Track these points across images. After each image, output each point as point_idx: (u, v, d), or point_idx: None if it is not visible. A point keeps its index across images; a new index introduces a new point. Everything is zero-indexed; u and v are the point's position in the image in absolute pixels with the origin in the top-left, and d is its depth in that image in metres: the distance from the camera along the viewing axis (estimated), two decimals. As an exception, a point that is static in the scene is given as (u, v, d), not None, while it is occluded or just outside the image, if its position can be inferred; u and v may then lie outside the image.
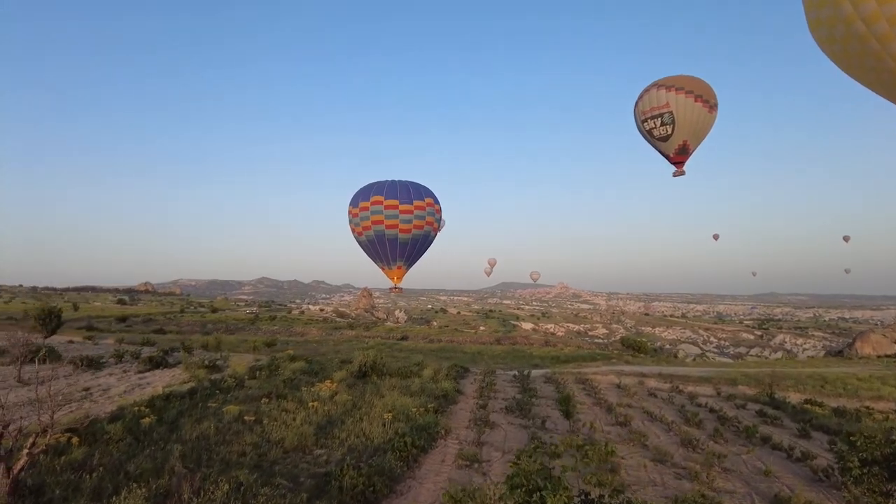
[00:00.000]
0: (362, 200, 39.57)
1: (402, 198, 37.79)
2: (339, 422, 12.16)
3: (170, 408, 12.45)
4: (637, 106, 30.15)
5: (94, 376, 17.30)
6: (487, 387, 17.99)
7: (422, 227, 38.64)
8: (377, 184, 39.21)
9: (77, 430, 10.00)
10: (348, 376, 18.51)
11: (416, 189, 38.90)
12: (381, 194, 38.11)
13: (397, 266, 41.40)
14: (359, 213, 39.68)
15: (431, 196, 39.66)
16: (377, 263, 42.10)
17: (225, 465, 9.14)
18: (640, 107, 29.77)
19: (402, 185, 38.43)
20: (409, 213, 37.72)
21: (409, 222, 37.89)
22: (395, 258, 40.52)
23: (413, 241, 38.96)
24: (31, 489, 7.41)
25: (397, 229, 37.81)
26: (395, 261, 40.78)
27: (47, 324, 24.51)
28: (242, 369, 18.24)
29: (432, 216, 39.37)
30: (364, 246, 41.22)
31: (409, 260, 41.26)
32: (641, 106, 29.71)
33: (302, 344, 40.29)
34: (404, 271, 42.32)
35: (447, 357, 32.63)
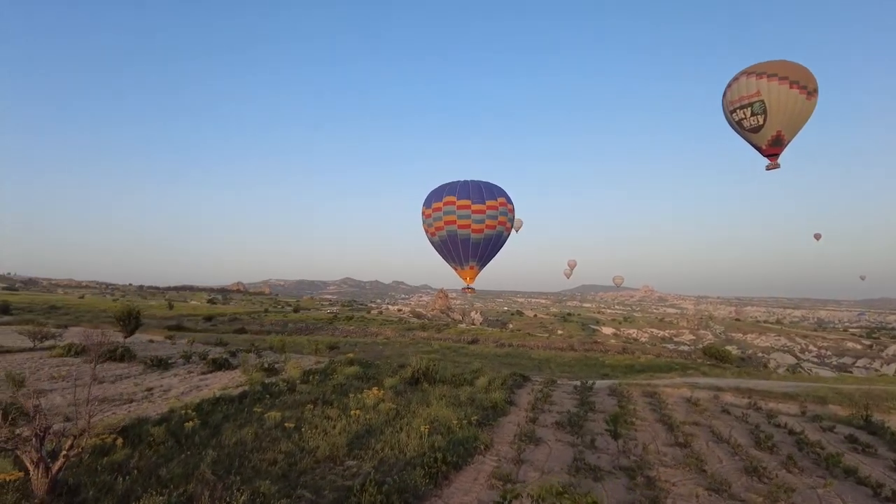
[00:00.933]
0: (435, 201, 39.89)
1: (475, 198, 37.70)
2: (378, 432, 12.13)
3: (216, 411, 12.99)
4: (725, 96, 28.22)
5: (160, 376, 18.53)
6: (543, 398, 17.36)
7: (494, 227, 38.36)
8: (450, 184, 39.35)
9: (125, 431, 10.64)
10: (400, 383, 18.56)
11: (488, 189, 38.63)
12: (453, 195, 38.21)
13: (469, 266, 41.37)
14: (432, 213, 40.01)
15: (504, 196, 39.24)
16: (450, 264, 42.29)
17: (255, 473, 9.34)
18: (729, 96, 27.84)
19: (474, 185, 38.32)
20: (481, 212, 37.57)
21: (481, 222, 37.76)
22: (467, 258, 40.52)
23: (485, 241, 38.77)
24: (69, 488, 7.91)
25: (469, 229, 37.78)
26: (468, 261, 40.77)
27: (127, 324, 26.71)
28: (297, 373, 18.83)
29: (505, 216, 38.96)
30: (437, 246, 41.54)
31: (482, 260, 41.08)
32: (730, 95, 27.78)
33: (369, 346, 41.15)
34: (477, 271, 42.19)
35: (512, 364, 32.00)
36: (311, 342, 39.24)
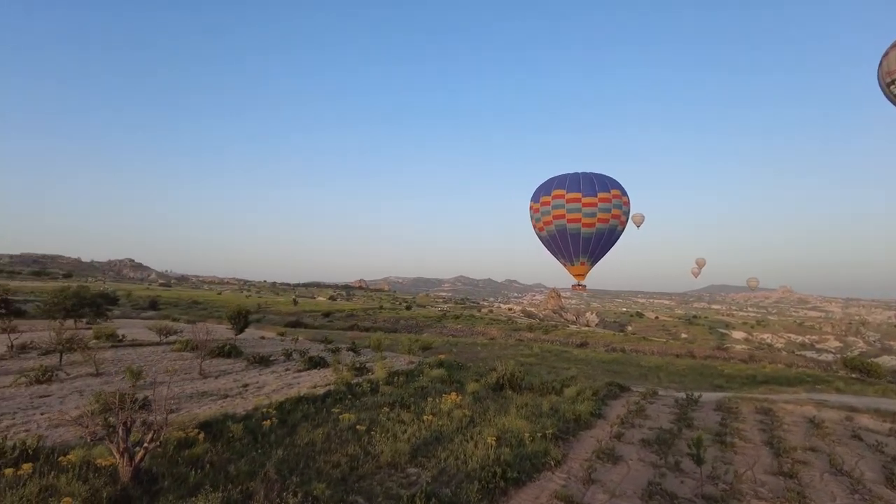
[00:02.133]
0: (543, 195, 39.25)
1: (586, 190, 36.50)
2: (447, 439, 12.15)
3: (297, 411, 13.83)
4: (881, 66, 24.64)
5: (259, 373, 20.18)
6: (636, 412, 16.30)
7: (607, 221, 36.91)
8: (559, 177, 38.43)
9: (209, 426, 11.70)
10: (483, 388, 18.47)
11: (600, 180, 37.16)
12: (562, 188, 37.31)
13: (580, 262, 40.22)
14: (540, 208, 39.40)
15: (618, 187, 37.56)
16: (559, 260, 41.43)
17: (316, 474, 9.78)
18: (885, 66, 24.26)
19: (585, 177, 37.06)
20: (592, 206, 36.34)
21: (592, 216, 36.53)
22: (577, 254, 39.41)
23: (597, 236, 37.41)
24: (149, 477, 8.86)
25: (580, 223, 36.67)
26: (578, 257, 39.65)
27: (237, 323, 29.43)
28: (383, 374, 19.49)
29: (619, 209, 37.29)
30: (546, 242, 40.92)
31: (593, 256, 39.69)
32: (886, 66, 24.20)
33: (468, 347, 41.47)
34: (588, 268, 40.83)
35: (616, 371, 30.46)
36: (410, 341, 40.58)
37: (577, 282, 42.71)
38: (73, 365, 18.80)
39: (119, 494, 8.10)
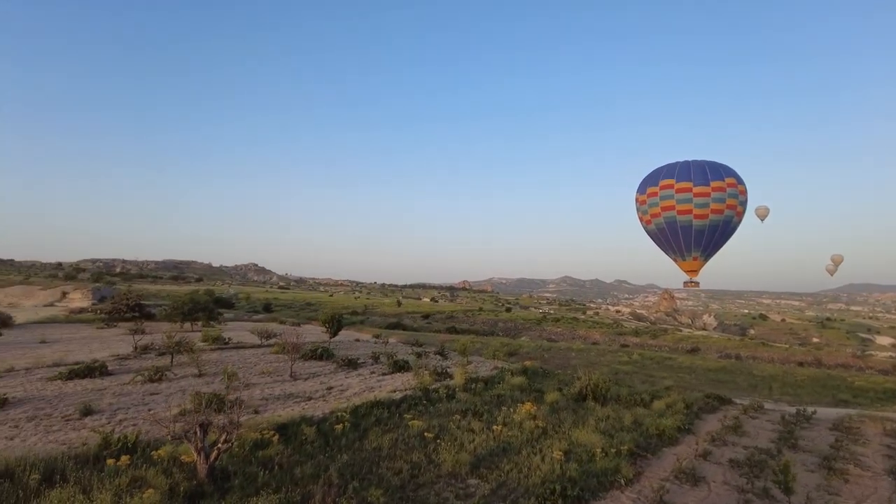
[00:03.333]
0: (650, 186, 37.68)
1: (697, 179, 34.61)
2: (515, 451, 12.04)
3: (370, 415, 14.41)
4: None
5: (345, 376, 21.23)
6: (731, 428, 15.06)
7: (721, 212, 34.79)
8: (667, 166, 36.71)
9: (285, 428, 12.55)
10: (563, 399, 18.03)
11: (713, 169, 35.03)
12: (671, 177, 35.58)
13: (692, 257, 38.13)
14: (647, 199, 37.83)
15: (733, 175, 35.26)
16: (669, 255, 39.53)
17: (377, 480, 10.12)
18: None
19: (696, 166, 35.13)
20: (704, 195, 34.42)
21: (705, 206, 34.61)
22: (688, 248, 37.41)
23: (710, 228, 35.32)
24: (223, 475, 9.70)
25: (691, 215, 34.85)
26: (690, 251, 37.61)
27: (331, 326, 31.17)
28: (461, 380, 19.69)
29: (735, 198, 35.02)
30: (654, 236, 39.34)
31: (707, 250, 37.41)
32: None
33: (561, 352, 40.57)
34: (701, 263, 38.51)
35: (722, 381, 28.29)
36: (501, 345, 40.45)
37: (690, 278, 40.25)
38: (181, 366, 21.03)
39: (194, 489, 8.95)
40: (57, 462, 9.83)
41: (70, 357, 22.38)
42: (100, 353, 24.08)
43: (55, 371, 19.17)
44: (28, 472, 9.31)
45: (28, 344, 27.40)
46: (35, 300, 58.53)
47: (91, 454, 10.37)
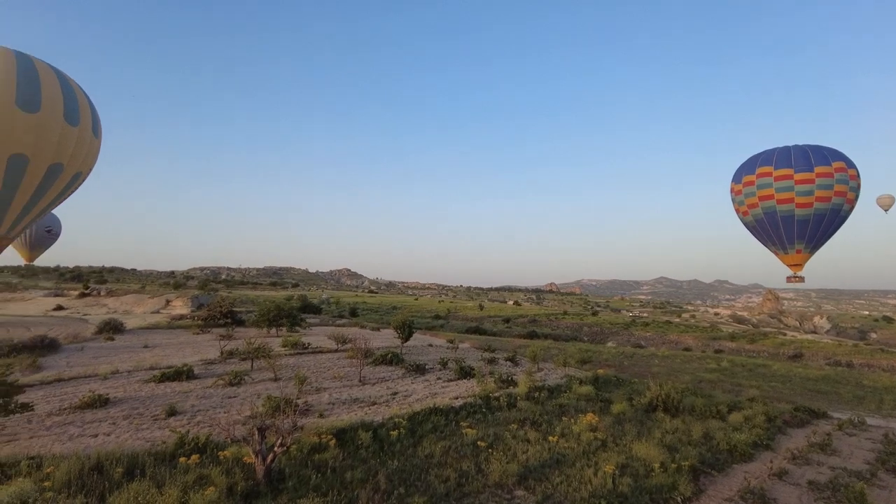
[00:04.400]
0: (746, 174, 35.90)
1: (799, 165, 32.69)
2: (569, 463, 11.90)
3: (427, 422, 14.75)
4: None
5: (412, 381, 21.79)
6: (819, 445, 13.94)
7: (828, 200, 32.70)
8: (765, 153, 34.87)
9: (342, 432, 13.18)
10: (630, 409, 17.47)
11: (818, 153, 32.86)
12: (769, 164, 33.80)
13: (795, 250, 36.07)
14: (742, 189, 36.09)
15: (842, 159, 32.92)
16: (770, 248, 37.50)
17: (424, 487, 10.43)
18: None
19: (798, 151, 33.11)
20: (808, 182, 32.51)
21: (809, 194, 32.69)
22: (790, 240, 35.41)
23: (816, 218, 33.22)
24: (278, 476, 10.40)
25: (793, 204, 33.03)
26: (792, 243, 35.58)
27: (402, 331, 32.02)
28: (525, 388, 19.59)
29: (844, 184, 32.72)
30: (752, 228, 37.55)
31: (812, 242, 35.15)
32: None
33: (644, 359, 39.10)
34: (805, 256, 36.19)
35: (822, 391, 26.05)
36: (578, 350, 39.52)
37: (793, 273, 37.53)
38: (260, 370, 22.56)
39: (250, 489, 9.70)
40: (139, 458, 10.99)
41: (165, 361, 24.69)
42: (191, 357, 26.34)
43: (151, 374, 21.25)
44: (114, 466, 10.51)
45: (133, 348, 30.48)
46: (144, 307, 64.81)
47: (168, 452, 11.47)
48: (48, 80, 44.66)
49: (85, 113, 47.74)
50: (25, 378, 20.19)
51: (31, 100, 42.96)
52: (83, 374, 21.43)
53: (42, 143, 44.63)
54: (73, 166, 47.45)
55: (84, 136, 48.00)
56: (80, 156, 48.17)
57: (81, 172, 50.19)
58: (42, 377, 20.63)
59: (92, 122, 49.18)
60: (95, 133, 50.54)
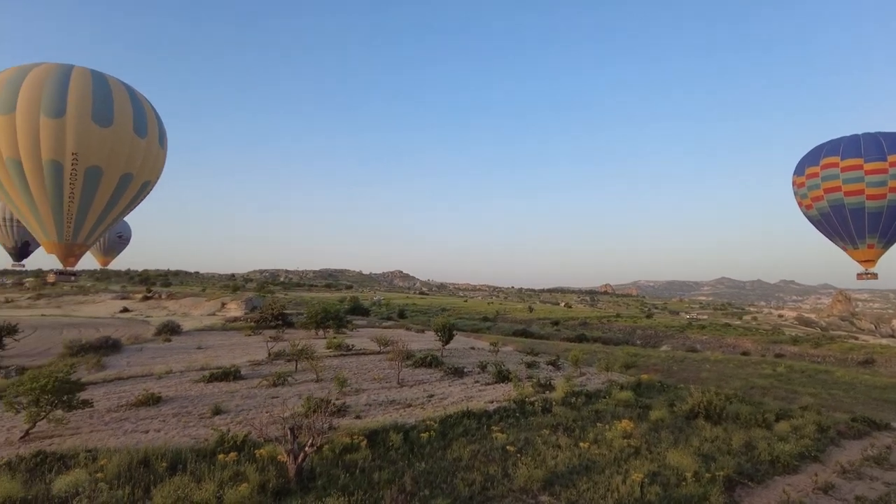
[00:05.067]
0: (809, 165, 34.60)
1: (870, 154, 31.18)
2: (598, 470, 11.82)
3: (458, 425, 14.93)
4: None
5: (449, 384, 22.00)
6: (875, 459, 13.26)
7: None
8: (831, 142, 33.46)
9: (375, 434, 13.54)
10: (670, 416, 17.06)
11: (890, 140, 31.11)
12: (834, 154, 32.40)
13: (866, 245, 34.40)
14: (805, 181, 34.74)
15: None
16: (836, 243, 36.01)
17: (449, 490, 10.62)
18: None
19: (868, 139, 31.55)
20: (880, 172, 30.95)
21: (881, 185, 31.12)
22: (861, 234, 33.84)
23: (889, 210, 31.46)
24: (309, 474, 10.84)
25: (863, 196, 31.53)
26: (863, 238, 34.01)
27: (443, 335, 32.33)
28: (561, 393, 19.45)
29: None
30: (817, 222, 36.09)
31: (887, 235, 33.29)
32: None
33: (695, 363, 37.90)
34: (879, 252, 34.45)
35: (892, 401, 24.41)
36: (626, 354, 38.64)
37: (864, 269, 35.59)
38: (303, 372, 23.33)
39: (282, 487, 10.15)
40: (182, 454, 11.70)
41: (215, 362, 25.90)
42: (240, 358, 27.50)
43: (201, 374, 22.36)
44: (159, 460, 11.24)
45: (188, 349, 32.09)
46: (201, 310, 67.90)
47: (209, 449, 12.14)
48: (119, 95, 47.71)
49: (152, 125, 50.74)
50: (90, 376, 21.68)
51: (105, 115, 46.08)
52: (140, 374, 22.80)
53: (114, 155, 47.71)
54: (141, 176, 50.49)
55: (151, 147, 51.01)
56: (148, 165, 51.17)
57: (150, 181, 53.33)
58: (104, 375, 22.09)
59: (158, 134, 52.22)
60: (161, 143, 53.61)
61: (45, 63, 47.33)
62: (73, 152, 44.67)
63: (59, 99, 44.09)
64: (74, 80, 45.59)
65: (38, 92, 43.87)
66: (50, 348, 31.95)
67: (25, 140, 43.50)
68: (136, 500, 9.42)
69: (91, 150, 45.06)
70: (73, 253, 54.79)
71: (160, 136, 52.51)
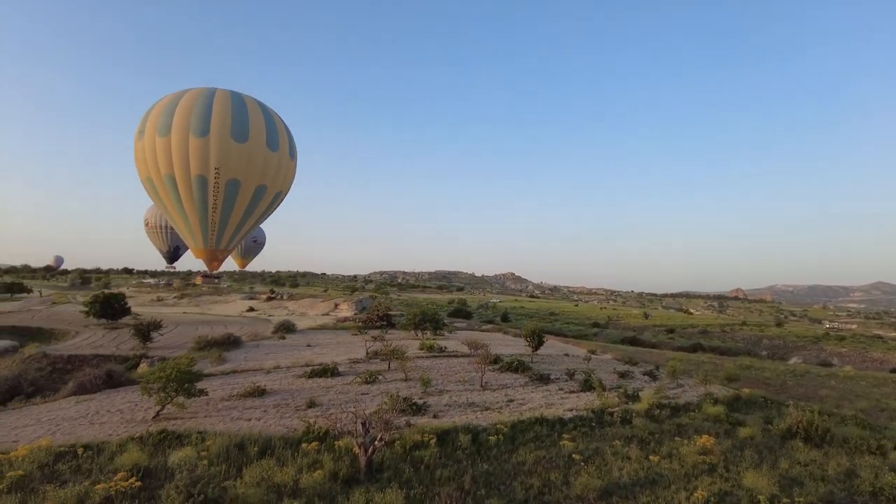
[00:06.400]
0: None
1: None
2: (664, 485, 11.56)
3: (529, 431, 15.17)
4: None
5: (532, 390, 22.10)
6: None
7: None
8: None
9: (446, 433, 14.20)
10: (764, 435, 15.96)
11: None
12: None
13: None
14: None
15: None
16: None
17: (506, 492, 10.99)
18: None
19: None
20: None
21: None
22: None
23: None
24: (377, 467, 11.74)
25: None
26: None
27: (532, 340, 32.30)
28: (645, 405, 18.84)
29: None
30: None
31: None
32: None
33: (818, 379, 34.46)
34: None
35: None
36: (738, 367, 35.97)
37: None
38: (395, 371, 24.62)
39: (351, 476, 11.13)
40: (272, 441, 13.17)
41: (318, 359, 28.07)
42: (342, 356, 29.56)
43: (304, 370, 24.44)
44: (252, 445, 12.76)
45: (298, 346, 34.96)
46: (316, 310, 73.02)
47: (296, 438, 13.51)
48: (254, 113, 53.25)
49: (283, 140, 55.95)
50: (211, 369, 24.58)
51: (242, 132, 51.76)
52: (252, 368, 25.42)
53: (250, 169, 53.40)
54: (274, 187, 55.91)
55: (282, 160, 56.28)
56: (280, 177, 56.39)
57: (281, 192, 58.80)
58: (223, 368, 24.92)
59: (289, 147, 57.41)
60: (292, 156, 58.83)
61: (194, 88, 53.96)
62: (215, 167, 50.70)
63: (204, 120, 50.27)
64: (217, 102, 51.69)
65: (187, 115, 50.37)
66: (186, 342, 36.33)
67: (178, 158, 50.11)
68: (228, 477, 10.84)
69: (230, 164, 50.71)
70: (216, 258, 61.83)
71: (290, 149, 57.48)
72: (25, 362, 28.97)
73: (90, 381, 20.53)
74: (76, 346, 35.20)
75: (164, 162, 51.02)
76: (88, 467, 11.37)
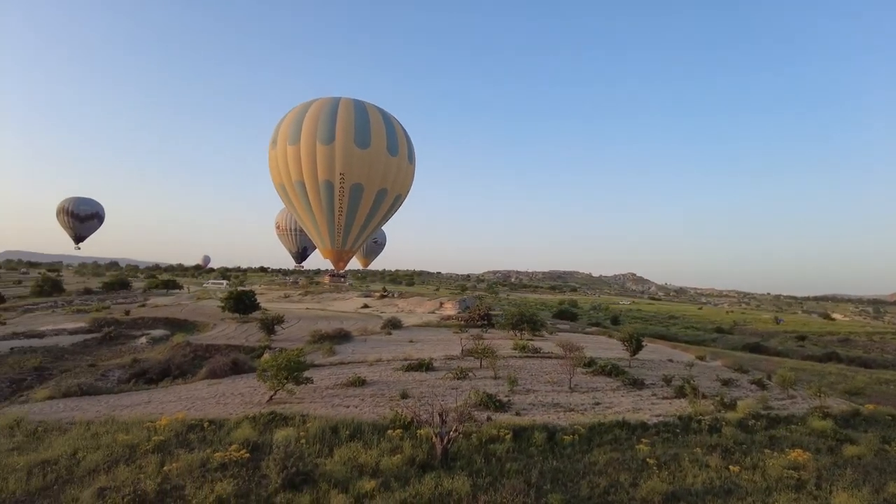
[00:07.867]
0: None
1: None
2: (739, 496, 11.24)
3: (607, 433, 15.19)
4: None
5: (623, 394, 21.72)
6: None
7: None
8: None
9: (522, 430, 14.69)
10: (874, 454, 14.60)
11: None
12: None
13: None
14: None
15: None
16: None
17: (570, 488, 11.33)
18: None
19: None
20: None
21: None
22: None
23: None
24: (452, 456, 12.55)
25: None
26: None
27: (630, 344, 31.27)
28: (740, 414, 17.86)
29: None
30: None
31: None
32: None
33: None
34: None
35: None
36: (873, 380, 32.14)
37: None
38: (486, 368, 25.30)
39: (426, 463, 12.06)
40: (362, 426, 14.50)
41: (417, 354, 29.56)
42: (439, 352, 30.84)
43: (402, 364, 25.97)
44: (344, 429, 14.16)
45: (401, 342, 36.88)
46: (424, 308, 75.71)
47: (384, 425, 14.76)
48: (375, 120, 56.55)
49: (402, 144, 58.86)
50: (321, 360, 26.91)
51: (364, 138, 55.23)
52: (357, 360, 27.44)
53: (372, 173, 56.72)
54: (394, 190, 59.07)
55: (402, 165, 59.19)
56: (399, 181, 59.41)
57: (401, 195, 61.94)
58: (332, 360, 27.20)
59: (408, 152, 60.27)
60: (411, 160, 61.67)
61: (321, 98, 58.33)
62: (340, 172, 54.47)
63: (330, 128, 54.18)
64: (341, 110, 55.49)
65: (314, 123, 54.62)
66: (304, 336, 39.74)
67: (307, 164, 54.49)
68: (320, 455, 12.25)
69: (353, 169, 54.35)
70: (342, 258, 66.33)
71: (409, 153, 60.30)
72: (174, 349, 33.60)
73: (219, 368, 23.59)
74: (213, 337, 40.02)
75: (295, 168, 55.54)
76: (211, 438, 13.42)
